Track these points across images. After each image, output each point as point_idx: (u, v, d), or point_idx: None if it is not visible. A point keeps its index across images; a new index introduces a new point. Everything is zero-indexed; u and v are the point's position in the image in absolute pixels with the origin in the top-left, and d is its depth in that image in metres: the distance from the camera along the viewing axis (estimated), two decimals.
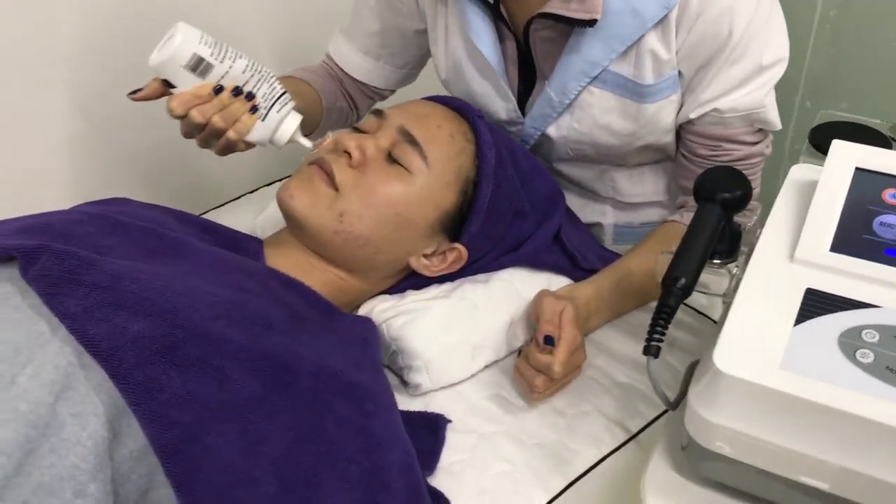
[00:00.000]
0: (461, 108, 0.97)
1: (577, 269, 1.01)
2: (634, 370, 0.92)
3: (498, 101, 1.05)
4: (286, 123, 0.88)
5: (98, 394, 0.64)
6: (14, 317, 0.67)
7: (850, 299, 0.64)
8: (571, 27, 0.93)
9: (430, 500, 0.72)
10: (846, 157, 0.73)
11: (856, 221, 0.69)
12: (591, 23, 0.90)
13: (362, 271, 0.92)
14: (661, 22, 0.91)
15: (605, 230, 1.16)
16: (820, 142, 0.97)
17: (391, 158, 0.90)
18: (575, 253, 1.00)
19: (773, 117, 0.98)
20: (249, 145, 0.89)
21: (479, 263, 0.97)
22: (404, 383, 0.90)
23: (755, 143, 1.00)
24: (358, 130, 0.94)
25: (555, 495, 0.79)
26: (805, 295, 0.65)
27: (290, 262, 0.89)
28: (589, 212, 1.16)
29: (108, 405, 0.64)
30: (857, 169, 0.72)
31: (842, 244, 0.67)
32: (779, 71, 0.96)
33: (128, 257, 0.76)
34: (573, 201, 1.14)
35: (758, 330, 0.63)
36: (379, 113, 0.95)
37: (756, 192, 1.04)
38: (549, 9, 0.91)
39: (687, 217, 1.01)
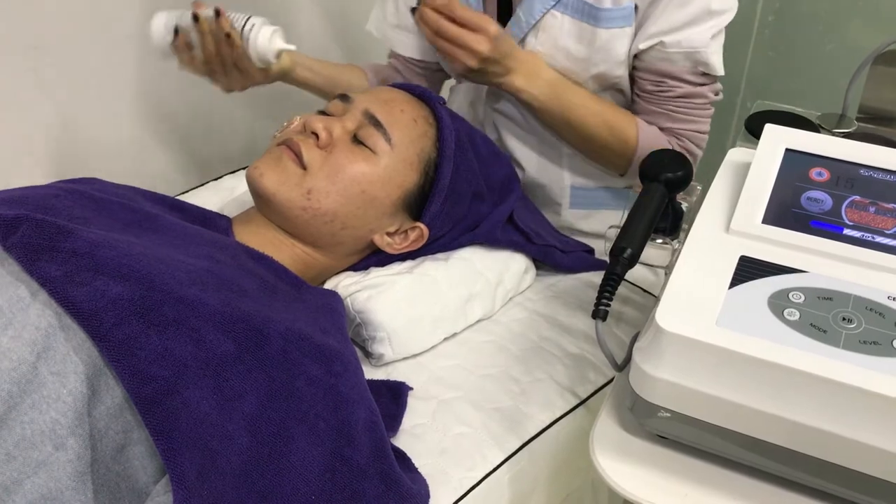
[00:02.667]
0: (424, 94, 1.02)
1: (532, 245, 1.06)
2: (585, 342, 0.97)
3: None
4: (262, 31, 1.04)
5: (78, 353, 0.68)
6: None
7: (779, 265, 0.70)
8: None
9: (394, 457, 0.76)
10: (777, 139, 0.79)
11: (785, 196, 0.75)
12: None
13: (328, 247, 0.96)
14: None
15: (563, 193, 1.21)
16: (755, 128, 1.03)
17: (357, 140, 0.94)
18: (528, 231, 1.05)
19: (716, 61, 1.05)
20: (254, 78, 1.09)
21: (440, 242, 1.02)
22: (368, 354, 0.95)
23: (698, 85, 1.08)
24: (325, 114, 0.99)
25: (510, 454, 0.84)
26: (739, 262, 0.71)
27: (258, 238, 0.92)
28: (547, 173, 1.20)
29: (87, 364, 0.67)
30: (787, 150, 0.78)
31: (772, 217, 0.74)
32: (726, 18, 1.04)
33: (103, 229, 0.79)
34: (532, 161, 1.20)
35: (696, 293, 0.69)
36: (345, 98, 0.99)
37: (705, 137, 1.13)
38: None
39: (645, 126, 1.11)
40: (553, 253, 1.08)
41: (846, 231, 0.72)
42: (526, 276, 1.07)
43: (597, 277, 1.08)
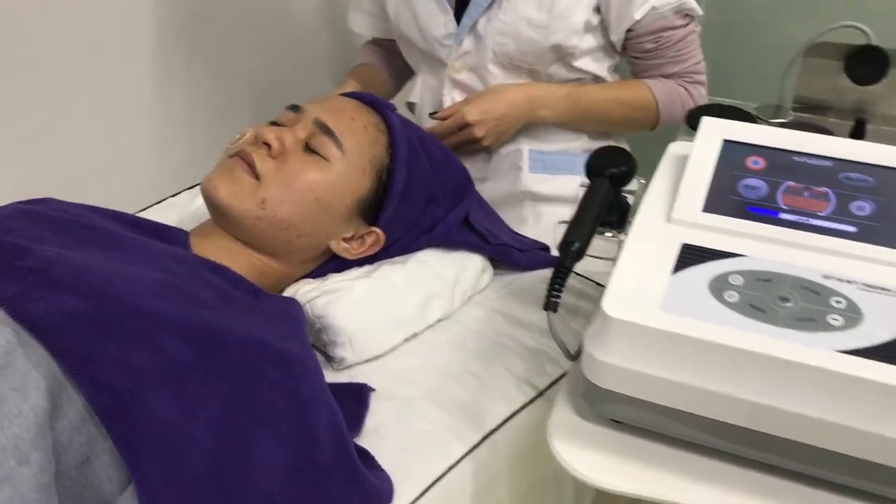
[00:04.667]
0: (374, 101, 1.04)
1: (488, 245, 1.09)
2: (542, 336, 1.00)
3: (439, 16, 1.22)
4: None
5: (38, 369, 0.68)
6: None
7: (719, 251, 0.73)
8: None
9: (357, 456, 0.78)
10: (715, 130, 0.82)
11: (723, 185, 0.78)
12: None
13: (285, 255, 0.97)
14: None
15: (522, 157, 1.30)
16: (695, 122, 1.07)
17: (309, 148, 0.96)
18: (483, 231, 1.07)
19: (694, 3, 1.21)
20: None
21: (397, 246, 1.04)
22: (329, 358, 0.96)
23: (686, 25, 1.21)
24: (277, 124, 1.00)
25: (471, 447, 0.86)
26: (681, 249, 0.74)
27: (215, 249, 0.93)
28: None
29: (48, 378, 0.68)
30: (725, 140, 0.81)
31: (711, 205, 0.77)
32: None
33: (60, 246, 0.80)
34: None
35: (640, 280, 0.71)
36: (296, 108, 1.01)
37: (702, 65, 1.27)
38: None
39: (655, 84, 1.26)
40: (509, 252, 1.10)
41: (782, 215, 0.75)
42: (483, 276, 1.09)
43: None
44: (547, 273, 1.13)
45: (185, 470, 0.67)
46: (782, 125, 0.99)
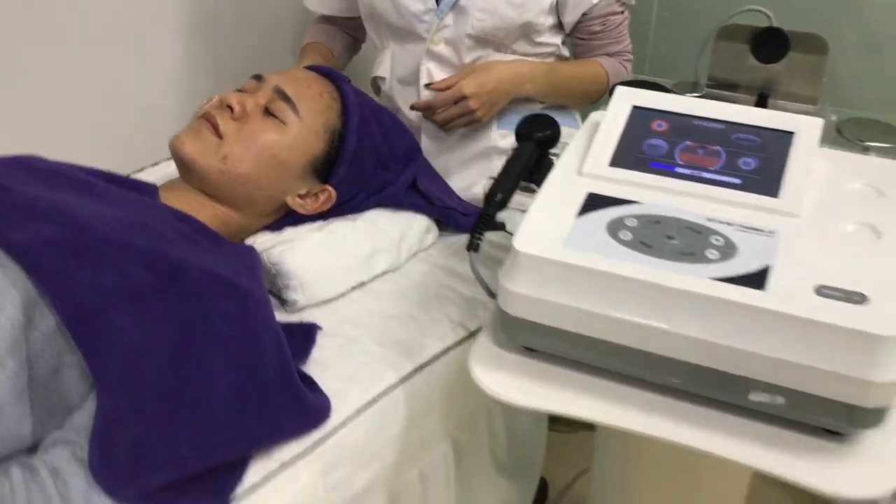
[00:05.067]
0: (329, 73, 1.14)
1: (433, 207, 1.19)
2: (477, 286, 1.09)
3: None
4: None
5: (14, 286, 0.77)
6: None
7: (619, 198, 0.83)
8: None
9: (298, 377, 0.87)
10: (626, 98, 0.92)
11: (630, 144, 0.88)
12: None
13: (245, 207, 1.06)
14: None
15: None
16: None
17: (268, 112, 1.06)
18: (429, 195, 1.17)
19: None
20: None
21: (348, 205, 1.13)
22: (283, 301, 1.06)
23: (623, 12, 1.38)
24: (241, 91, 1.10)
25: (405, 375, 0.96)
26: (587, 197, 0.83)
27: (182, 201, 1.03)
28: None
29: (23, 295, 0.77)
30: (634, 106, 0.91)
31: (618, 160, 0.86)
32: None
33: (42, 191, 0.89)
34: None
35: (549, 223, 0.81)
36: (258, 77, 1.11)
37: (630, 45, 1.43)
38: None
39: (605, 62, 1.40)
40: (453, 215, 1.20)
41: (678, 169, 0.85)
42: (428, 235, 1.19)
43: (494, 236, 1.20)
44: (489, 235, 1.23)
45: (141, 379, 0.77)
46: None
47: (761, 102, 0.99)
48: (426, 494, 1.02)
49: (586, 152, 0.89)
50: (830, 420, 0.74)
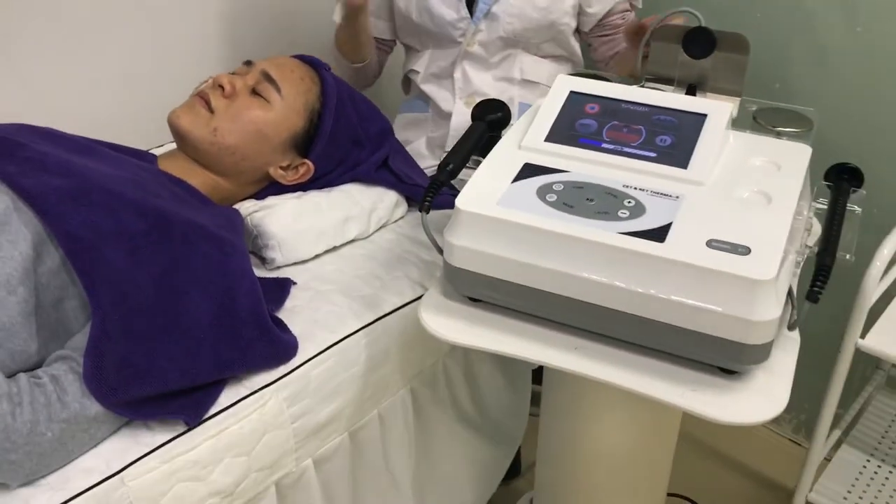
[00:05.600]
0: (312, 61, 1.28)
1: (402, 184, 1.31)
2: (436, 252, 1.22)
3: (452, 4, 1.46)
4: None
5: (27, 227, 0.91)
6: None
7: (550, 168, 0.95)
8: None
9: (268, 315, 1.00)
10: (565, 84, 1.05)
11: (564, 123, 1.00)
12: None
13: (232, 175, 1.19)
14: None
15: (513, 106, 1.54)
16: None
17: (255, 92, 1.19)
18: (399, 173, 1.30)
19: None
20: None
21: (325, 179, 1.26)
22: (263, 260, 1.18)
23: (632, 9, 1.55)
24: (232, 74, 1.23)
25: (366, 324, 1.09)
26: (523, 166, 0.96)
27: (176, 167, 1.16)
28: (502, 91, 1.54)
29: (34, 234, 0.91)
30: (572, 91, 1.04)
31: (553, 136, 0.99)
32: None
33: (49, 149, 1.03)
34: (493, 87, 1.53)
35: (488, 187, 0.94)
36: (249, 63, 1.24)
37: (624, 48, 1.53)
38: None
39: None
40: (420, 192, 1.33)
41: (603, 144, 0.97)
42: (398, 209, 1.32)
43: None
44: (451, 211, 1.36)
45: (130, 303, 0.90)
46: None
47: (689, 94, 1.12)
48: (385, 434, 1.15)
49: (527, 130, 1.02)
50: (721, 357, 0.86)
